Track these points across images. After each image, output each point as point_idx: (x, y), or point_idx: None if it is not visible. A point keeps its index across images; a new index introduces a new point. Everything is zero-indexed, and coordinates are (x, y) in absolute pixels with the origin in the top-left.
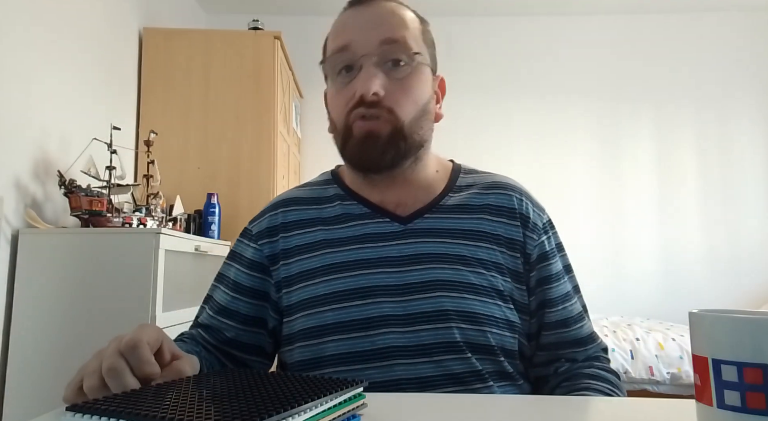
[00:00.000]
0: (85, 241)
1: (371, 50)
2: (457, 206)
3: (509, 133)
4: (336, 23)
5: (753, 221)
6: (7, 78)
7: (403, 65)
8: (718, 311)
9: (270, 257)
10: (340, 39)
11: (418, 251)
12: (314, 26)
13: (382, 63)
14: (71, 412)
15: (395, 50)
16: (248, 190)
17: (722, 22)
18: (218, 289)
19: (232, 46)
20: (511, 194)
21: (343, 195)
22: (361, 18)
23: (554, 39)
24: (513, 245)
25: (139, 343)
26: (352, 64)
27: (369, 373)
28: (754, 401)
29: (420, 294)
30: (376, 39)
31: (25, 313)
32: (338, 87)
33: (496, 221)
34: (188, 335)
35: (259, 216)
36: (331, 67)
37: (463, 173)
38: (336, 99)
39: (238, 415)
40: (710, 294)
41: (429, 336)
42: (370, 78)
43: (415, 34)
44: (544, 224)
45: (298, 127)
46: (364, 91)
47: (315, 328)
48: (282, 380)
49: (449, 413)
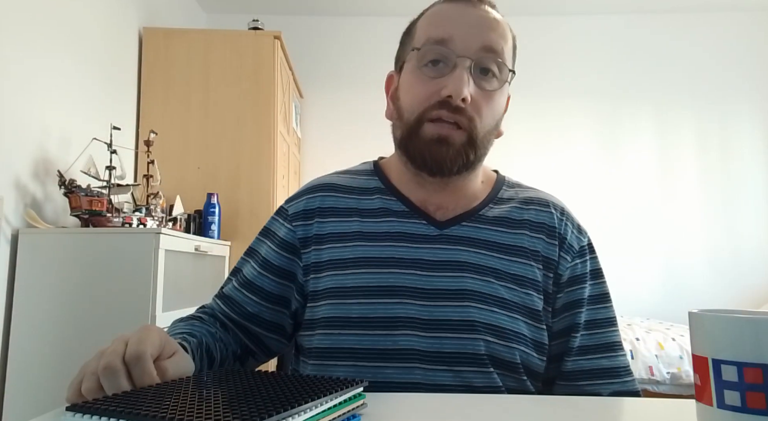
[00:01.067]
0: (85, 241)
1: (470, 53)
2: (497, 218)
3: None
4: (435, 11)
5: (753, 220)
6: (7, 78)
7: (492, 77)
8: (718, 311)
9: (302, 240)
10: (441, 30)
11: (451, 258)
12: (314, 26)
13: (475, 68)
14: (71, 412)
15: (492, 60)
16: (248, 190)
17: (722, 22)
18: (248, 263)
19: (232, 46)
20: (553, 212)
21: (384, 189)
22: (466, 15)
23: (554, 39)
24: (548, 264)
25: (143, 355)
26: (446, 59)
27: (387, 372)
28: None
29: (447, 301)
30: (478, 43)
31: (25, 313)
32: (422, 78)
33: (535, 238)
34: (208, 309)
35: (296, 196)
36: (421, 55)
37: (506, 186)
38: (416, 88)
39: (238, 415)
40: (710, 294)
41: (452, 345)
42: (463, 82)
43: (509, 48)
44: (582, 248)
45: (298, 127)
46: (455, 93)
47: (339, 318)
48: (282, 380)
49: (450, 413)
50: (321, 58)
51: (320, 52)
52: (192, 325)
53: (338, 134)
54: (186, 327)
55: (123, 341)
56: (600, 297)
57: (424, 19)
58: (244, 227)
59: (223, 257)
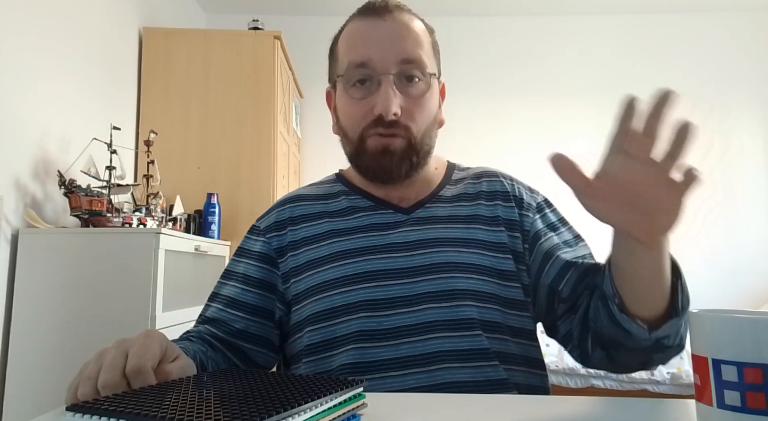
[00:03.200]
0: (85, 241)
1: (390, 69)
2: (454, 196)
3: (508, 133)
4: (350, 32)
5: (753, 220)
6: (7, 78)
7: (418, 82)
8: (718, 311)
9: (278, 250)
10: (358, 54)
11: (422, 237)
12: (314, 26)
13: (399, 80)
14: (71, 412)
15: (412, 69)
16: (248, 190)
17: (722, 22)
18: (226, 285)
19: (232, 46)
20: (503, 180)
21: (348, 191)
22: (378, 32)
23: (554, 39)
24: (512, 225)
25: (143, 369)
26: (370, 78)
27: (377, 351)
28: (754, 401)
29: (426, 276)
30: (394, 58)
31: (25, 313)
32: (352, 99)
33: (491, 205)
34: (195, 333)
35: (266, 213)
36: (346, 79)
37: (457, 170)
38: (350, 109)
39: (238, 415)
40: (710, 294)
41: (437, 314)
42: (390, 98)
43: (428, 50)
44: (539, 204)
45: (298, 127)
46: (384, 111)
47: (324, 311)
48: (282, 380)
49: (450, 413)
50: (321, 58)
51: (320, 52)
52: (183, 344)
53: None
54: (179, 345)
55: (123, 351)
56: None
57: (342, 42)
58: (244, 227)
59: (223, 257)
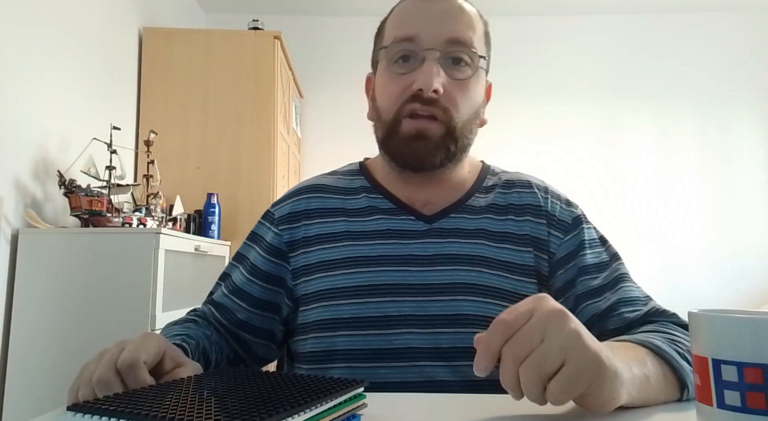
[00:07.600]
0: (85, 241)
1: (437, 46)
2: (483, 207)
3: (509, 133)
4: (400, 9)
5: (753, 220)
6: (7, 78)
7: (464, 66)
8: (718, 311)
9: (289, 244)
10: (406, 29)
11: (441, 252)
12: (314, 26)
13: (444, 60)
14: (71, 412)
15: (461, 50)
16: (248, 190)
17: (722, 22)
18: (236, 269)
19: (232, 46)
20: (536, 192)
21: (370, 188)
22: (429, 10)
23: (554, 39)
24: (539, 245)
25: (135, 363)
26: (414, 55)
27: (382, 372)
28: (754, 401)
29: (441, 296)
30: (443, 36)
31: (25, 313)
32: (393, 75)
33: (521, 221)
34: (201, 313)
35: (282, 200)
36: (390, 54)
37: (490, 174)
38: (389, 87)
39: (238, 415)
40: (710, 294)
41: (448, 340)
42: (432, 74)
43: (479, 36)
44: (576, 218)
45: (298, 127)
46: (425, 86)
47: (330, 320)
48: (282, 380)
49: (450, 413)
50: (321, 58)
51: (320, 52)
52: (188, 327)
53: (338, 134)
54: (183, 330)
55: (120, 349)
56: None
57: (390, 19)
58: (244, 226)
59: (223, 257)
